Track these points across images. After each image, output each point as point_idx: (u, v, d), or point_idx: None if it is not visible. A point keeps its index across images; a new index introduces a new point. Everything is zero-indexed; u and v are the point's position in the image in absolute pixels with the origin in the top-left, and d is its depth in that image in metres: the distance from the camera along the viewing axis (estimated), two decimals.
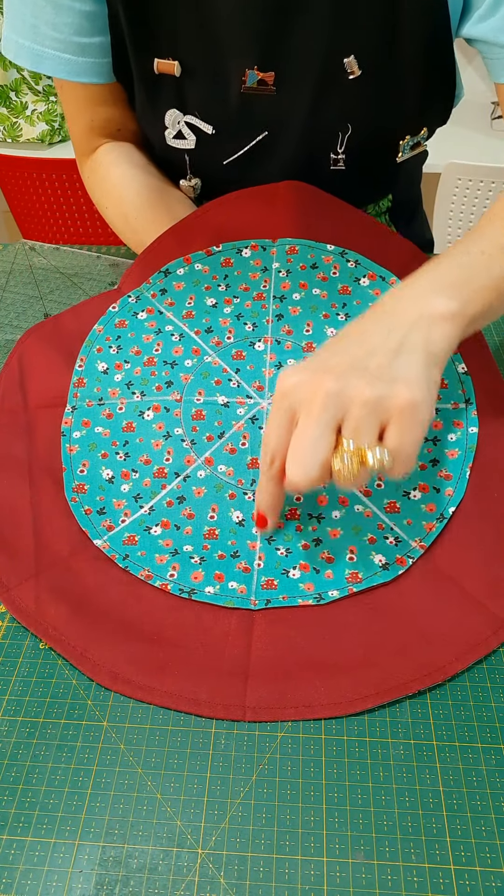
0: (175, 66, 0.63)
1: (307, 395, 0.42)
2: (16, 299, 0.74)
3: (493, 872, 0.35)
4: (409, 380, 0.41)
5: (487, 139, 1.71)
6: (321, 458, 0.40)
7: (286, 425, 0.43)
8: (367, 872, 0.35)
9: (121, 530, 0.50)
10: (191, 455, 0.53)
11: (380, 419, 0.41)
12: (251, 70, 0.62)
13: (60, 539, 0.49)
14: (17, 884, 0.35)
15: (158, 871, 0.35)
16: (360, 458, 0.40)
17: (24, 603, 0.46)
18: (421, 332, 0.43)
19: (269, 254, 0.62)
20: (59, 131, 1.67)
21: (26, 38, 0.64)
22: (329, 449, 0.41)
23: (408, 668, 0.42)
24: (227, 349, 0.58)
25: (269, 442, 0.44)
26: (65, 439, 0.55)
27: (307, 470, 0.41)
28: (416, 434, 0.41)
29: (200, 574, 0.47)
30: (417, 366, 0.42)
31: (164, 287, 0.62)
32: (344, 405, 0.41)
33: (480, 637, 0.43)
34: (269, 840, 0.36)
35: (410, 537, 0.48)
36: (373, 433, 0.41)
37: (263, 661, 0.43)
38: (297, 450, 0.41)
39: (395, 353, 0.43)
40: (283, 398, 0.43)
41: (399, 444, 0.40)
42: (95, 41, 0.63)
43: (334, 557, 0.47)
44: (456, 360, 0.55)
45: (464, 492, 0.49)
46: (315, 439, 0.41)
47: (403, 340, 0.43)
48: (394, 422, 0.41)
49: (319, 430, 0.41)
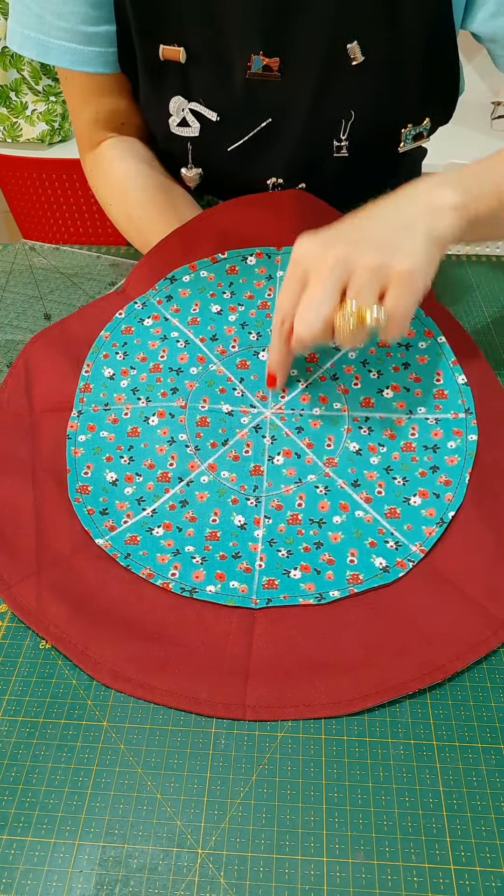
0: (180, 53, 0.63)
1: (318, 261, 0.47)
2: (16, 299, 0.74)
3: (493, 872, 0.35)
4: (410, 252, 0.46)
5: (487, 139, 1.71)
6: (325, 315, 0.46)
7: (297, 290, 0.48)
8: (367, 872, 0.35)
9: (123, 530, 0.50)
10: (194, 461, 0.53)
11: (380, 284, 0.46)
12: (256, 55, 0.62)
13: (62, 538, 0.49)
14: (17, 884, 0.35)
15: (158, 871, 0.35)
16: (359, 316, 0.45)
17: (25, 600, 0.46)
18: (426, 217, 0.48)
19: (273, 262, 0.62)
20: (59, 131, 1.67)
21: (32, 29, 0.64)
22: (333, 307, 0.46)
23: (408, 667, 0.42)
24: (231, 358, 0.58)
25: (282, 305, 0.49)
26: (70, 442, 0.55)
27: (311, 325, 0.46)
28: (411, 299, 0.46)
29: (202, 573, 0.47)
30: (419, 242, 0.47)
31: (169, 294, 0.62)
32: (349, 269, 0.46)
33: (480, 637, 0.43)
34: (269, 840, 0.36)
35: (411, 541, 0.48)
36: (373, 295, 0.46)
37: (264, 661, 0.43)
38: (304, 308, 0.47)
39: (401, 228, 0.47)
40: (296, 265, 0.48)
41: (395, 305, 0.46)
42: (102, 30, 0.64)
43: (335, 560, 0.47)
44: (456, 371, 0.56)
45: (463, 497, 0.50)
46: (321, 298, 0.46)
47: (409, 222, 0.48)
48: (392, 286, 0.46)
49: (326, 291, 0.46)
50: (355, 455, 0.53)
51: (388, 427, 0.54)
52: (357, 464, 0.52)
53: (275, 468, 0.53)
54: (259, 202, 0.65)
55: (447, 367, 0.56)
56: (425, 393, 0.55)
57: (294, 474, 0.52)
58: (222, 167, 0.70)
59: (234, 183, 0.73)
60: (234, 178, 0.71)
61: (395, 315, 0.46)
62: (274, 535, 0.49)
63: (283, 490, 0.51)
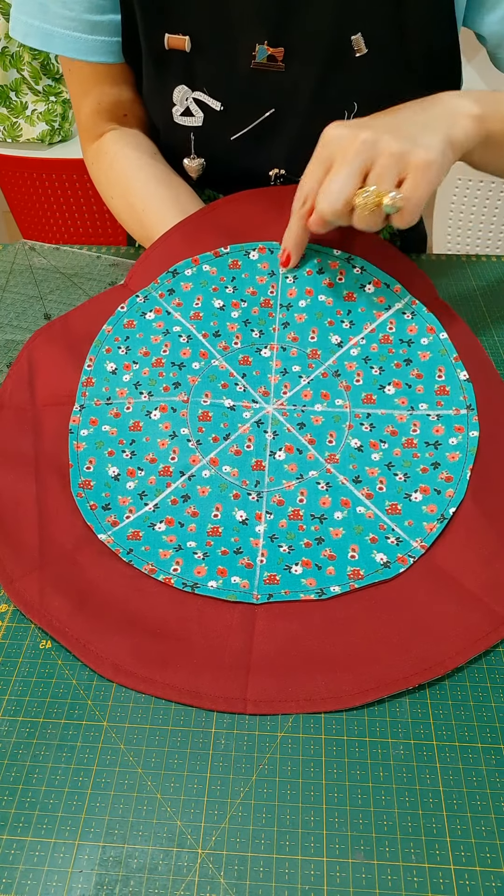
0: (185, 41, 0.63)
1: (345, 144, 0.50)
2: (16, 299, 0.74)
3: (493, 872, 0.35)
4: (429, 145, 0.49)
5: None
6: (347, 193, 0.49)
7: (321, 171, 0.51)
8: (367, 872, 0.35)
9: (125, 526, 0.50)
10: (196, 455, 0.53)
11: (399, 171, 0.49)
12: (261, 45, 0.62)
13: (65, 533, 0.49)
14: (17, 884, 0.35)
15: (158, 871, 0.35)
16: (378, 198, 0.49)
17: (28, 595, 0.46)
18: (446, 119, 0.52)
19: (276, 257, 0.62)
20: (59, 131, 1.67)
21: (35, 18, 0.64)
22: (355, 187, 0.49)
23: (408, 662, 0.42)
24: (234, 354, 0.58)
25: (305, 184, 0.53)
26: (72, 436, 0.55)
27: (333, 202, 0.50)
28: (426, 188, 0.49)
29: (203, 569, 0.47)
30: (438, 139, 0.50)
31: (171, 287, 0.62)
32: (373, 154, 0.49)
33: (481, 633, 0.43)
34: (269, 840, 0.36)
35: (411, 537, 0.48)
36: (392, 180, 0.49)
37: (265, 655, 0.43)
38: (328, 185, 0.50)
39: (422, 126, 0.51)
40: (323, 148, 0.52)
41: (412, 192, 0.49)
42: (106, 19, 0.64)
43: (336, 555, 0.47)
44: (458, 367, 0.56)
45: (464, 493, 0.50)
46: (345, 177, 0.49)
47: (430, 122, 0.51)
48: (410, 174, 0.49)
49: (350, 171, 0.49)
50: (357, 451, 0.53)
51: (389, 423, 0.54)
52: (358, 460, 0.52)
53: (276, 463, 0.53)
54: (262, 197, 0.65)
55: (449, 364, 0.56)
56: (427, 389, 0.55)
57: (296, 470, 0.52)
58: (225, 157, 0.70)
59: (236, 174, 0.72)
60: (236, 168, 0.71)
61: (409, 201, 0.49)
62: (275, 531, 0.49)
63: (285, 486, 0.52)
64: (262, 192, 0.65)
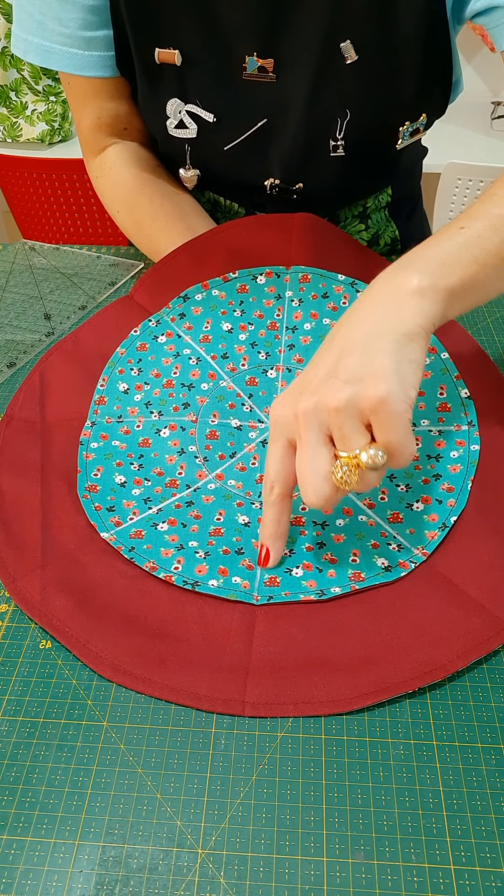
0: (175, 56, 0.64)
1: (290, 423, 0.43)
2: (16, 299, 0.74)
3: (493, 872, 0.35)
4: (376, 373, 0.40)
5: (487, 139, 1.71)
6: (323, 475, 0.42)
7: (282, 453, 0.44)
8: (367, 872, 0.35)
9: (128, 526, 0.50)
10: (203, 470, 0.54)
11: (360, 420, 0.41)
12: (251, 57, 0.63)
13: (68, 533, 0.50)
14: (17, 884, 0.35)
15: (158, 871, 0.35)
16: (356, 463, 0.41)
17: (29, 594, 0.46)
18: (390, 314, 0.43)
19: (282, 281, 0.64)
20: (59, 131, 1.67)
21: (34, 35, 0.65)
22: (327, 464, 0.42)
23: (408, 666, 0.42)
24: (241, 375, 0.60)
25: (269, 472, 0.45)
26: (82, 448, 0.56)
27: (316, 490, 0.42)
28: (399, 424, 0.40)
29: (205, 567, 0.47)
30: (385, 354, 0.41)
31: (182, 311, 0.64)
32: (322, 419, 0.42)
33: (481, 638, 0.43)
34: (269, 840, 0.36)
35: (413, 545, 0.48)
36: (357, 436, 0.41)
37: (264, 658, 0.43)
38: (301, 475, 0.42)
39: (362, 345, 0.42)
40: (275, 428, 0.45)
41: (386, 439, 0.41)
42: (101, 35, 0.64)
43: (337, 559, 0.48)
44: (459, 385, 0.57)
45: (465, 502, 0.50)
46: (311, 460, 0.42)
47: (371, 332, 0.42)
48: (373, 419, 0.41)
49: (312, 450, 0.42)
50: None
51: None
52: None
53: None
54: (268, 223, 0.67)
55: (450, 382, 0.57)
56: (429, 406, 0.56)
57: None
58: (220, 168, 0.71)
59: (231, 184, 0.73)
60: (231, 178, 0.72)
61: (391, 448, 0.41)
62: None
63: None
64: (268, 219, 0.67)
